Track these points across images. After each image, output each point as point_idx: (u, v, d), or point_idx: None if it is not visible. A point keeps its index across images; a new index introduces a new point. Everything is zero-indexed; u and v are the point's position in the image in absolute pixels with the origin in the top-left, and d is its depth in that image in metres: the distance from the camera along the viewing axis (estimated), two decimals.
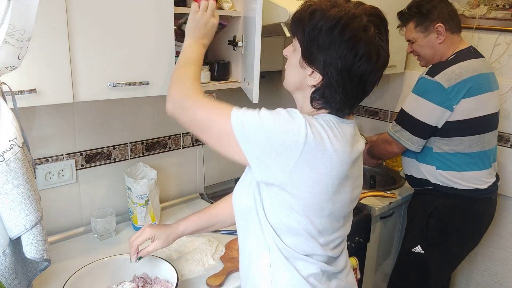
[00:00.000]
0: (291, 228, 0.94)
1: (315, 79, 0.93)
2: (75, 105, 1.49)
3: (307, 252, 0.97)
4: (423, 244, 1.80)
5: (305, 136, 0.86)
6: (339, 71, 0.89)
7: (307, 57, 0.93)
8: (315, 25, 0.89)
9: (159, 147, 1.78)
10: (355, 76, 0.90)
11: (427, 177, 1.79)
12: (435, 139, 1.73)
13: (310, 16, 0.90)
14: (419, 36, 1.78)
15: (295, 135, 0.86)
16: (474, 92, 1.64)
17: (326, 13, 0.89)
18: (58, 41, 1.08)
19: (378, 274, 2.17)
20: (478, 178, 1.73)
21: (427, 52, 1.80)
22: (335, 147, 0.89)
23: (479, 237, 1.88)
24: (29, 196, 0.90)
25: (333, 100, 0.93)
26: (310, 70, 0.93)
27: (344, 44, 0.87)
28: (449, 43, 1.75)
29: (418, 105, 1.69)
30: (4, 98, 0.91)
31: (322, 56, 0.90)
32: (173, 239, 1.22)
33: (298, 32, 0.94)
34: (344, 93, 0.92)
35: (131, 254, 1.21)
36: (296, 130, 0.86)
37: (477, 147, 1.70)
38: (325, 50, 0.89)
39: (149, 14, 1.23)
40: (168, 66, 1.32)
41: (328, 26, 0.88)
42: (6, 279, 0.93)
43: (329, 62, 0.89)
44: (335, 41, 0.88)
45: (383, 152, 1.90)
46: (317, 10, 0.90)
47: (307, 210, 0.92)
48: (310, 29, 0.90)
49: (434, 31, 1.74)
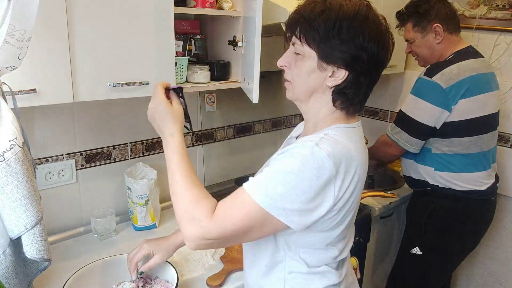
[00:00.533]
0: (311, 243, 0.95)
1: (338, 78, 0.91)
2: (75, 105, 1.49)
3: (322, 263, 0.98)
4: (422, 245, 1.80)
5: (335, 173, 0.85)
6: (366, 62, 0.89)
7: (327, 57, 0.90)
8: (334, 22, 0.87)
9: (159, 147, 1.78)
10: (380, 66, 0.92)
11: (425, 179, 1.79)
12: (434, 140, 1.72)
13: (322, 15, 0.88)
14: (417, 36, 1.78)
15: (325, 174, 0.85)
16: (473, 93, 1.64)
17: (341, 8, 0.88)
18: (58, 41, 1.08)
19: (378, 274, 2.17)
20: (477, 180, 1.73)
21: (425, 52, 1.80)
22: (357, 160, 0.90)
23: (478, 238, 1.88)
24: (29, 196, 0.90)
25: (356, 95, 0.93)
26: (332, 70, 0.91)
27: (367, 35, 0.87)
28: (447, 43, 1.75)
29: (416, 106, 1.69)
30: (4, 98, 0.91)
31: (346, 52, 0.88)
32: (173, 251, 1.20)
33: (308, 35, 0.90)
34: (371, 84, 0.93)
35: (130, 271, 1.19)
36: (323, 180, 0.84)
37: (476, 148, 1.70)
38: (349, 44, 0.88)
39: (149, 14, 1.23)
40: (168, 66, 1.32)
41: (348, 20, 0.87)
42: (6, 279, 0.93)
43: (354, 55, 0.88)
44: (358, 34, 0.87)
45: (383, 155, 1.90)
46: (326, 9, 0.88)
47: (328, 225, 0.93)
48: (327, 28, 0.87)
49: (431, 31, 1.74)
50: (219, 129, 1.98)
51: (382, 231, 2.08)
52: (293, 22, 0.92)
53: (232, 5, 1.49)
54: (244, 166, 2.15)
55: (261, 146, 2.20)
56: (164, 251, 1.18)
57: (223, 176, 2.06)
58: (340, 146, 0.88)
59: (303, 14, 0.90)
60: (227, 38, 1.54)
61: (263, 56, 1.40)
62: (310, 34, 0.89)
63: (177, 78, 1.41)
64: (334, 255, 0.98)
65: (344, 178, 0.87)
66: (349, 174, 0.88)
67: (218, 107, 1.94)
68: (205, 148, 1.94)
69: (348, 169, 0.87)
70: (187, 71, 1.49)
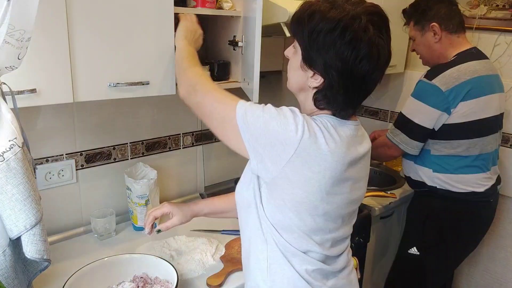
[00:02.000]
0: (285, 224, 0.96)
1: (316, 81, 0.93)
2: (75, 105, 1.49)
3: (302, 249, 0.98)
4: (420, 245, 1.80)
5: (302, 134, 0.87)
6: (340, 72, 0.89)
7: (307, 60, 0.93)
8: (315, 27, 0.89)
9: (159, 147, 1.78)
10: (356, 77, 0.90)
11: (424, 180, 1.79)
12: (433, 142, 1.72)
13: (309, 17, 0.90)
14: (417, 34, 1.80)
15: (291, 131, 0.87)
16: (473, 95, 1.63)
17: (326, 14, 0.88)
18: (58, 41, 1.08)
19: (378, 274, 2.17)
20: (475, 182, 1.73)
21: (424, 51, 1.82)
22: (330, 147, 0.89)
23: (477, 240, 1.88)
24: (29, 196, 0.90)
25: (335, 101, 0.94)
26: (311, 73, 0.93)
27: (344, 46, 0.87)
28: (447, 43, 1.75)
29: (416, 109, 1.69)
30: (4, 98, 0.91)
31: (322, 59, 0.90)
32: (190, 216, 1.28)
33: (298, 34, 0.94)
34: (346, 94, 0.92)
35: (146, 225, 1.26)
36: (293, 127, 0.88)
37: (476, 150, 1.70)
38: (325, 52, 0.89)
39: (149, 14, 1.23)
40: (168, 66, 1.32)
41: (327, 28, 0.88)
42: (6, 279, 0.93)
43: (329, 64, 0.89)
44: (335, 43, 0.87)
45: (382, 156, 1.90)
46: (316, 11, 0.90)
47: (299, 207, 0.93)
48: (309, 31, 0.90)
49: (430, 30, 1.75)
50: None
51: (382, 231, 2.08)
52: (294, 16, 0.95)
53: (232, 5, 1.49)
54: (244, 166, 2.13)
55: None
56: (182, 215, 1.26)
57: (223, 176, 2.06)
58: (319, 121, 0.91)
59: (299, 11, 0.94)
60: (227, 38, 1.53)
61: (263, 56, 1.40)
62: (299, 34, 0.93)
63: None
64: (314, 244, 0.98)
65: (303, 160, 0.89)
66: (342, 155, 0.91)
67: None
68: (205, 148, 1.94)
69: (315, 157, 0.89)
70: None
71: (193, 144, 1.90)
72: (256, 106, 0.93)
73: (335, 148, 0.90)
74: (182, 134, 1.84)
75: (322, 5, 0.90)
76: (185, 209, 1.28)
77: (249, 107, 0.93)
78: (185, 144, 1.86)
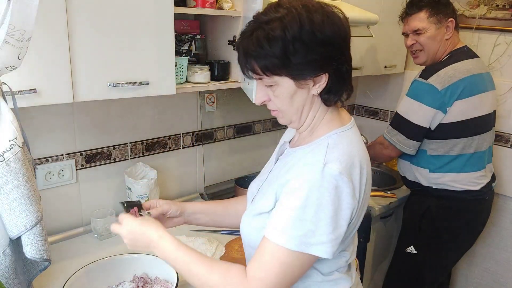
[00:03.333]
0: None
1: (321, 83, 0.88)
2: (75, 105, 1.49)
3: (334, 269, 0.97)
4: (416, 244, 1.81)
5: (349, 183, 0.85)
6: (336, 51, 0.87)
7: (300, 75, 0.87)
8: (285, 44, 0.83)
9: (159, 147, 1.78)
10: (346, 40, 0.88)
11: (419, 180, 1.79)
12: (429, 142, 1.72)
13: (269, 43, 0.83)
14: (431, 27, 1.72)
15: (344, 190, 0.85)
16: (468, 94, 1.64)
17: (285, 27, 0.82)
18: (58, 41, 1.08)
19: (377, 273, 2.17)
20: (471, 180, 1.73)
21: (432, 45, 1.75)
22: (363, 162, 0.90)
23: (473, 238, 1.88)
24: (29, 196, 0.90)
25: (344, 81, 0.90)
26: (312, 81, 0.88)
27: (320, 33, 0.84)
28: (451, 41, 1.75)
29: (412, 108, 1.69)
30: (4, 98, 0.91)
31: (314, 60, 0.85)
32: (177, 207, 1.14)
33: (269, 66, 0.85)
34: (348, 62, 0.91)
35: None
36: (339, 186, 0.84)
37: (471, 148, 1.70)
38: (312, 52, 0.84)
39: (149, 14, 1.23)
40: (168, 66, 1.32)
41: (301, 35, 0.83)
42: (6, 279, 0.93)
43: (323, 56, 0.86)
44: (313, 39, 0.83)
45: (380, 156, 1.90)
46: (269, 35, 0.83)
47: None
48: (282, 52, 0.83)
49: (445, 25, 1.72)
50: (219, 129, 1.98)
51: (382, 231, 2.08)
52: (245, 61, 0.88)
53: (232, 5, 1.49)
54: (244, 166, 2.14)
55: (261, 146, 2.20)
56: (171, 204, 1.13)
57: (223, 176, 2.06)
58: (346, 156, 0.87)
59: (248, 51, 0.86)
60: (227, 38, 1.54)
61: None
62: (270, 64, 0.85)
63: (177, 78, 1.41)
64: (346, 258, 0.98)
65: (360, 186, 0.87)
66: (362, 178, 0.88)
67: (218, 107, 1.94)
68: (205, 148, 1.94)
69: (360, 175, 0.87)
70: (187, 71, 1.49)
71: (193, 144, 1.90)
72: (290, 227, 0.83)
73: (365, 161, 0.91)
74: (182, 134, 1.84)
75: (270, 26, 0.84)
76: (174, 202, 1.16)
77: (293, 235, 0.83)
78: (185, 144, 1.86)
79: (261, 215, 0.94)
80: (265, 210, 0.92)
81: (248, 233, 0.99)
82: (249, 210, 1.00)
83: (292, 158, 0.96)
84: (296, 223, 0.83)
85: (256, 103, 0.95)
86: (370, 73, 2.18)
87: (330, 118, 0.95)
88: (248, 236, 0.99)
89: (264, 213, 0.93)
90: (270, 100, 0.92)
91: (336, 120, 0.95)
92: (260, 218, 0.94)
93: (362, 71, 2.11)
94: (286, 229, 0.84)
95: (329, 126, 0.94)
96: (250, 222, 0.97)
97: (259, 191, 1.02)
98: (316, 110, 0.93)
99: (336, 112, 0.96)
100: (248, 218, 0.98)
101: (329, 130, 0.93)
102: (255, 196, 1.03)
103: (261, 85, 0.92)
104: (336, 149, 0.88)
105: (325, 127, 0.94)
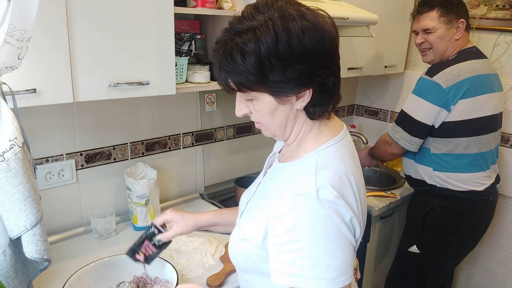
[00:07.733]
0: None
1: (304, 97, 0.82)
2: (75, 105, 1.49)
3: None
4: (419, 244, 1.81)
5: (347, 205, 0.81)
6: (319, 64, 0.79)
7: (280, 92, 0.80)
8: (261, 60, 0.76)
9: (159, 147, 1.78)
10: (333, 51, 0.81)
11: (424, 178, 1.79)
12: (433, 140, 1.73)
13: (244, 59, 0.76)
14: (441, 26, 1.72)
15: (345, 213, 0.80)
16: (472, 93, 1.64)
17: (263, 39, 0.75)
18: (58, 41, 1.08)
19: (377, 274, 2.17)
20: (474, 180, 1.73)
21: (441, 45, 1.74)
22: (354, 177, 0.84)
23: (476, 239, 1.88)
24: (29, 196, 0.90)
25: (330, 96, 0.84)
26: (294, 96, 0.82)
27: (307, 45, 0.77)
28: (461, 41, 1.75)
29: (416, 105, 1.69)
30: (4, 98, 0.91)
31: (294, 76, 0.78)
32: (192, 226, 1.13)
33: (246, 82, 0.79)
34: (336, 72, 0.84)
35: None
36: (339, 210, 0.79)
37: (475, 148, 1.70)
38: (292, 67, 0.77)
39: (149, 14, 1.23)
40: (168, 66, 1.32)
41: (277, 50, 0.75)
42: (6, 279, 0.93)
43: (306, 70, 0.78)
44: (294, 52, 0.76)
45: (383, 154, 1.90)
46: (243, 51, 0.76)
47: None
48: (258, 69, 0.77)
49: (455, 26, 1.71)
50: (219, 129, 1.98)
51: (382, 231, 2.08)
52: (218, 75, 0.83)
53: (232, 5, 1.49)
54: (244, 166, 2.14)
55: (261, 146, 2.20)
56: (184, 224, 1.12)
57: (223, 176, 2.06)
58: (337, 178, 0.81)
59: (221, 65, 0.80)
60: None
61: None
62: (245, 80, 0.79)
63: (177, 78, 1.41)
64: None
65: (356, 203, 0.83)
66: (355, 193, 0.83)
67: (218, 107, 1.94)
68: (205, 148, 1.94)
69: (353, 193, 0.83)
70: (187, 71, 1.49)
71: (193, 144, 1.90)
72: (297, 267, 0.78)
73: (357, 176, 0.86)
74: (182, 134, 1.84)
75: (244, 39, 0.76)
76: (187, 218, 1.14)
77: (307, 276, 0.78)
78: (185, 144, 1.86)
79: (247, 241, 0.90)
80: (252, 240, 0.88)
81: (235, 257, 0.96)
82: (236, 229, 0.97)
83: (281, 176, 0.90)
84: (311, 261, 0.77)
85: (237, 115, 0.89)
86: (370, 73, 2.18)
87: (318, 131, 0.88)
88: (235, 259, 0.96)
89: (250, 242, 0.89)
90: (252, 113, 0.87)
91: (325, 131, 0.89)
92: (246, 244, 0.90)
93: (362, 71, 2.11)
94: (292, 273, 0.78)
95: (318, 139, 0.88)
96: (236, 245, 0.94)
97: (247, 205, 0.99)
98: (302, 124, 0.88)
99: (325, 122, 0.89)
100: (235, 240, 0.95)
101: (318, 145, 0.86)
102: (244, 210, 0.99)
103: (241, 97, 0.86)
104: (326, 170, 0.82)
105: (313, 140, 0.88)
